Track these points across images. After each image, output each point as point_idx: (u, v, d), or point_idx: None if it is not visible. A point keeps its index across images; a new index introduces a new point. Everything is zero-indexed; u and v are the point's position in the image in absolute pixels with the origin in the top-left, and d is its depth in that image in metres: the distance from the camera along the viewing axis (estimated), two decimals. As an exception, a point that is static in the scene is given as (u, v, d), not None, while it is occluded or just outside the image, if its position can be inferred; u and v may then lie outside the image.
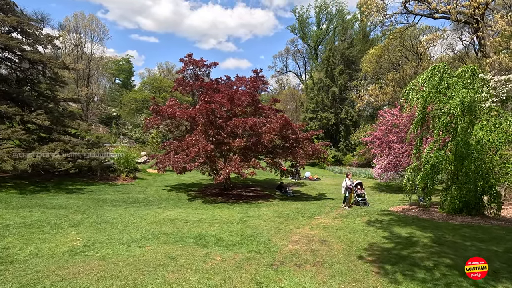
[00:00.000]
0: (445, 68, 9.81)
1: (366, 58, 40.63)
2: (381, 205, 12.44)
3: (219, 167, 12.67)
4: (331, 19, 62.86)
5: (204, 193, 16.84)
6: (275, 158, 15.40)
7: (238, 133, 13.89)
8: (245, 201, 14.44)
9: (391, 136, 16.41)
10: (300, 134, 14.27)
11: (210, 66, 15.66)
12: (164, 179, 21.68)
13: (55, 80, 17.53)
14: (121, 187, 16.54)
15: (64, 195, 12.96)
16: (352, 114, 41.16)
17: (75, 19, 48.69)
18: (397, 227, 7.98)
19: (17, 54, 15.76)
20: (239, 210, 11.47)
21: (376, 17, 31.69)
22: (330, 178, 26.51)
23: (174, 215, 9.72)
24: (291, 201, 14.73)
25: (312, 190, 19.29)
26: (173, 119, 13.83)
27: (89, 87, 47.12)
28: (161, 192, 15.89)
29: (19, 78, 16.71)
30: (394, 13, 29.76)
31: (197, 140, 12.41)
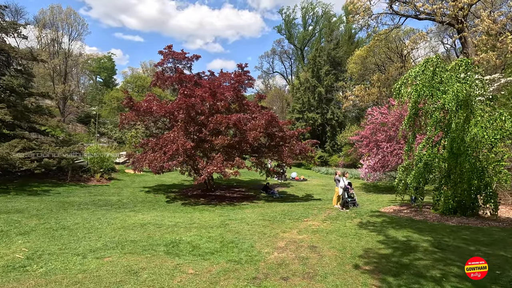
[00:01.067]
0: (438, 61, 9.33)
1: (352, 59, 40.72)
2: (371, 206, 11.87)
3: (200, 166, 11.73)
4: (317, 20, 63.09)
5: (185, 195, 15.81)
6: (260, 158, 14.60)
7: (221, 131, 13.00)
8: (228, 203, 13.55)
9: (379, 135, 15.98)
10: (287, 132, 13.54)
11: (191, 59, 14.69)
12: (143, 180, 20.45)
13: (21, 72, 16.05)
14: (93, 189, 15.25)
15: (24, 198, 11.63)
16: (338, 115, 41.04)
17: (51, 12, 46.24)
18: (392, 230, 7.33)
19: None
20: (221, 212, 10.57)
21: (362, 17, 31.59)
22: (317, 178, 26.00)
23: (148, 219, 8.70)
24: (277, 203, 13.96)
25: (299, 191, 18.62)
26: (150, 115, 12.76)
27: (66, 84, 44.78)
28: (138, 194, 14.74)
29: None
30: (380, 13, 29.74)
31: (176, 137, 11.41)
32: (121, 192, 14.87)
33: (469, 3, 22.83)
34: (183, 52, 14.48)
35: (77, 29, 49.47)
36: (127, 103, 12.45)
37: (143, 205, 11.85)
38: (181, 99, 11.63)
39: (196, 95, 12.03)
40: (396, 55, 39.74)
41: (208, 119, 12.36)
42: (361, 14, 30.01)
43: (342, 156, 39.52)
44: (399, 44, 39.59)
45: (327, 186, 21.48)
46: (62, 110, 46.67)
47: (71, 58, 49.39)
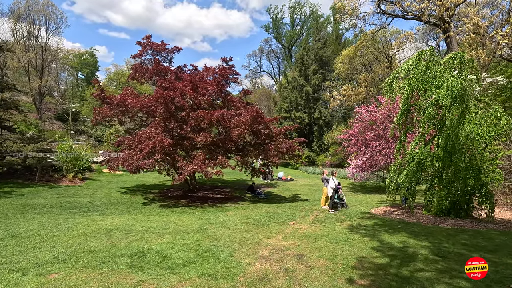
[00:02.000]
0: (432, 55, 8.85)
1: (339, 59, 40.64)
2: (360, 207, 11.32)
3: (179, 165, 10.83)
4: (305, 20, 62.97)
5: (165, 196, 14.83)
6: (245, 157, 13.82)
7: (203, 127, 12.14)
8: (210, 205, 12.70)
9: (367, 134, 15.54)
10: (274, 129, 12.83)
11: (172, 51, 13.73)
12: (122, 180, 19.27)
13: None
14: (63, 190, 14.04)
15: (-21, 200, 10.39)
16: (325, 114, 40.81)
17: (27, 3, 43.73)
18: (386, 234, 6.73)
19: None
20: (201, 215, 9.73)
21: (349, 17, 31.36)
22: (304, 178, 25.49)
23: (117, 223, 7.77)
24: (262, 204, 13.23)
25: (285, 191, 17.97)
26: (125, 109, 11.73)
27: (43, 79, 42.46)
28: (113, 195, 13.66)
29: None
30: (368, 12, 29.58)
31: (152, 133, 10.47)
32: (94, 194, 13.74)
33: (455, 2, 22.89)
34: (163, 43, 13.51)
35: (55, 22, 47.09)
36: (98, 95, 11.35)
37: (116, 208, 10.84)
38: (159, 92, 10.70)
39: (175, 88, 11.11)
40: (382, 56, 39.94)
41: (189, 114, 11.48)
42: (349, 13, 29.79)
43: (329, 156, 39.31)
44: (385, 44, 39.76)
45: (315, 186, 20.96)
46: (39, 106, 44.26)
47: (49, 52, 46.93)
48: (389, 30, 38.71)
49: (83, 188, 15.15)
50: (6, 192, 12.21)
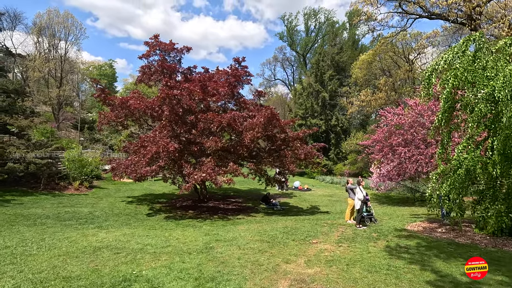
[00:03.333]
0: (481, 41, 7.43)
1: (356, 64, 39.20)
2: (392, 222, 9.77)
3: (186, 172, 9.74)
4: (320, 27, 61.98)
5: (173, 206, 13.77)
6: (259, 164, 12.60)
7: (213, 131, 11.08)
8: (220, 217, 11.50)
9: (394, 139, 13.98)
10: (290, 133, 11.57)
11: (181, 51, 12.88)
12: (131, 188, 18.47)
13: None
14: (67, 199, 13.26)
15: (-28, 210, 9.65)
16: (343, 121, 39.14)
17: (48, 16, 45.20)
18: (438, 261, 5.27)
19: None
20: (208, 229, 8.53)
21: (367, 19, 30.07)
22: (322, 188, 23.86)
23: (109, 239, 6.68)
24: (278, 216, 11.90)
25: (303, 202, 16.53)
26: (128, 111, 10.85)
27: (61, 89, 43.31)
28: (117, 205, 12.73)
29: None
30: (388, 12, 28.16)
31: (157, 137, 9.49)
32: (98, 203, 12.86)
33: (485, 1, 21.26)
34: (172, 42, 12.69)
35: (75, 33, 48.34)
36: (99, 95, 10.54)
37: (116, 219, 9.82)
38: (163, 91, 9.76)
39: (182, 88, 10.14)
40: (402, 60, 38.16)
41: (197, 117, 10.45)
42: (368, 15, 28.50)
43: (348, 165, 37.43)
44: (406, 48, 37.91)
45: (334, 196, 19.38)
46: (57, 115, 45.10)
47: (68, 62, 48.10)
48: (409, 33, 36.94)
49: (88, 197, 14.35)
50: (5, 200, 11.51)
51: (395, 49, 36.96)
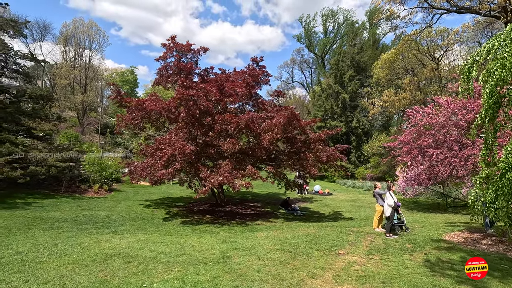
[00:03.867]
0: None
1: (377, 64, 37.78)
2: (426, 231, 8.88)
3: (203, 175, 9.37)
4: (339, 27, 60.61)
5: (190, 210, 13.47)
6: (278, 167, 12.05)
7: (230, 133, 10.67)
8: (238, 222, 11.02)
9: (425, 140, 12.95)
10: (311, 135, 10.94)
11: (198, 52, 12.65)
12: (149, 192, 18.43)
13: (18, 72, 14.78)
14: (86, 202, 13.30)
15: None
16: (364, 123, 37.76)
17: (74, 25, 47.25)
18: (492, 280, 4.50)
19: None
20: (226, 236, 8.07)
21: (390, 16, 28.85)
22: (344, 193, 22.88)
23: (122, 246, 6.37)
24: (299, 222, 11.26)
25: (324, 208, 15.75)
26: (144, 113, 10.66)
27: (85, 95, 44.94)
28: (134, 209, 12.58)
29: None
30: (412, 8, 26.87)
31: (173, 139, 9.19)
32: (116, 206, 12.78)
33: (523, -11, 19.69)
34: (189, 43, 12.48)
35: (98, 41, 50.17)
36: (115, 97, 10.43)
37: (132, 224, 9.59)
38: (179, 91, 9.47)
39: (199, 88, 9.82)
40: (427, 58, 36.39)
41: (214, 118, 10.09)
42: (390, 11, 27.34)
43: (370, 168, 35.98)
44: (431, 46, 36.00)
45: (357, 201, 18.43)
46: (81, 120, 46.79)
47: (92, 69, 49.91)
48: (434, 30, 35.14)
49: (106, 200, 14.36)
50: (27, 203, 11.65)
51: (419, 47, 35.31)
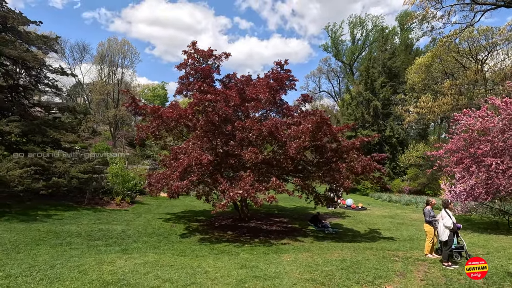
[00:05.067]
0: None
1: (411, 69, 35.45)
2: (496, 259, 7.12)
3: (221, 188, 8.44)
4: (367, 34, 58.48)
5: (211, 226, 12.57)
6: (306, 179, 10.81)
7: (252, 141, 9.72)
8: (262, 240, 9.88)
9: (480, 147, 11.03)
10: (344, 142, 9.64)
11: (219, 58, 12.02)
12: (171, 204, 17.90)
13: (49, 86, 15.18)
14: (106, 214, 12.91)
15: (11, 224, 9.50)
16: (398, 132, 35.19)
17: (109, 44, 50.12)
18: None
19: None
20: (246, 259, 6.99)
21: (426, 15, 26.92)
22: (379, 207, 20.81)
23: (125, 270, 5.52)
24: (331, 242, 9.86)
25: (358, 225, 14.10)
26: (160, 121, 10.05)
27: (117, 109, 46.91)
28: (153, 223, 11.92)
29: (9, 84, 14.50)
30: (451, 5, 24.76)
31: (189, 148, 8.43)
32: (135, 220, 12.23)
33: None
34: (210, 49, 11.92)
35: (130, 58, 52.67)
36: (130, 104, 9.96)
37: (146, 241, 8.82)
38: (195, 96, 8.76)
39: (217, 93, 9.05)
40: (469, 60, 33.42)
41: (234, 125, 9.22)
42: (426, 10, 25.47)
43: (407, 180, 33.10)
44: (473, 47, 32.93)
45: (396, 218, 16.44)
46: (114, 133, 48.74)
47: (124, 84, 52.27)
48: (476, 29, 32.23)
49: (127, 213, 13.92)
50: (48, 215, 11.44)
51: (459, 49, 32.55)
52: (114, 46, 50.18)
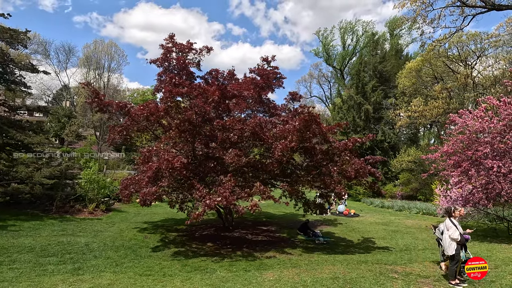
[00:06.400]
0: None
1: (402, 73, 35.38)
2: (507, 276, 6.25)
3: (197, 195, 7.38)
4: (358, 39, 58.65)
5: (191, 236, 11.42)
6: (294, 184, 9.84)
7: (235, 143, 8.72)
8: (245, 253, 8.81)
9: (480, 148, 10.29)
10: (335, 143, 8.73)
11: (200, 52, 11.04)
12: (152, 212, 16.64)
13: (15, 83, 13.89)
14: (74, 225, 11.62)
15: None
16: (390, 136, 34.76)
17: (95, 46, 48.66)
18: None
19: None
20: (221, 278, 5.92)
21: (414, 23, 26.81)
22: (372, 213, 19.98)
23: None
24: (321, 254, 8.87)
25: (351, 233, 13.16)
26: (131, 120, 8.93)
27: (102, 112, 45.27)
28: (125, 234, 10.71)
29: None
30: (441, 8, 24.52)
31: (160, 150, 7.37)
32: (106, 230, 10.98)
33: None
34: (189, 42, 10.94)
35: (117, 60, 51.26)
36: (92, 100, 8.68)
37: (110, 256, 7.64)
38: (166, 90, 7.73)
39: (193, 87, 8.02)
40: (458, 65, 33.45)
41: (213, 124, 8.21)
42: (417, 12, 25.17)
43: (399, 185, 32.55)
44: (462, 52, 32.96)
45: (390, 225, 15.59)
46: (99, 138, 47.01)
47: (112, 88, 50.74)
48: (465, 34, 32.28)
49: (100, 222, 12.64)
50: (3, 226, 10.10)
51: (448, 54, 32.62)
52: (101, 48, 48.80)
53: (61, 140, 48.55)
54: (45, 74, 15.13)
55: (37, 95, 58.96)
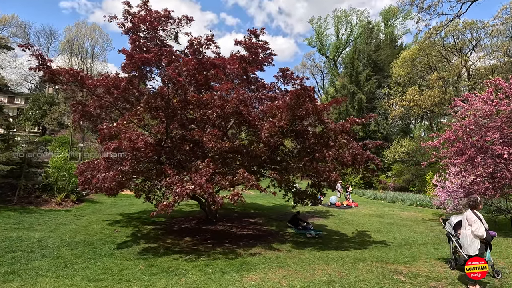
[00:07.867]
0: None
1: (397, 63, 34.52)
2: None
3: (167, 182, 6.16)
4: (352, 28, 57.35)
5: (169, 229, 10.24)
6: (284, 171, 8.70)
7: (214, 123, 7.48)
8: (227, 249, 7.69)
9: (488, 134, 9.33)
10: (330, 124, 7.56)
11: (179, 22, 9.63)
12: (130, 203, 15.37)
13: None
14: (35, 217, 10.25)
15: None
16: (383, 126, 34.02)
17: (77, 29, 45.93)
18: None
19: None
20: (193, 281, 4.78)
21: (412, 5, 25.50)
22: (365, 205, 19.14)
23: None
24: (313, 250, 7.83)
25: (345, 226, 12.20)
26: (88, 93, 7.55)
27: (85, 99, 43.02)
28: (92, 227, 9.44)
29: None
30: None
31: (121, 128, 6.07)
32: (70, 224, 9.68)
33: None
34: (167, 10, 9.50)
35: (101, 45, 48.66)
36: (38, 68, 7.00)
37: (61, 255, 6.39)
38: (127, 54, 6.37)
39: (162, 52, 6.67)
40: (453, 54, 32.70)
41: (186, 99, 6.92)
42: None
43: (392, 177, 31.99)
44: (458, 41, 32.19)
45: (384, 217, 14.74)
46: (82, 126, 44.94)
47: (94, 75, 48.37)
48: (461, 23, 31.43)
49: (67, 214, 11.31)
50: None
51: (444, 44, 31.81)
52: (83, 31, 46.14)
53: (43, 129, 46.27)
54: (7, 49, 13.41)
55: (17, 81, 56.01)
